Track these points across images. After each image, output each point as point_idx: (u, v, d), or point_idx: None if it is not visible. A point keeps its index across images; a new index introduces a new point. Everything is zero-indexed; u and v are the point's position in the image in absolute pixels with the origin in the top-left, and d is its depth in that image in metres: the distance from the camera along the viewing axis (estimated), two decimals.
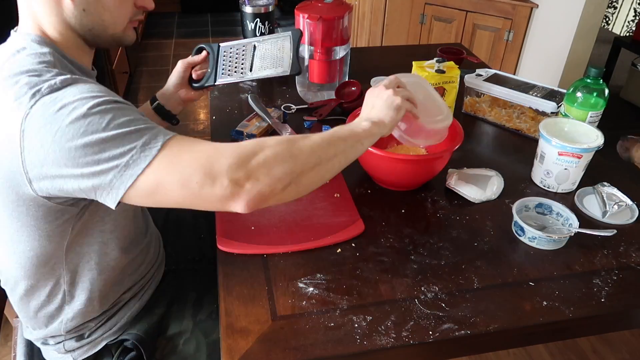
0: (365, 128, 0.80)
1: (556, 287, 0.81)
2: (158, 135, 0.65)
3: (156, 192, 0.64)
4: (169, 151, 0.64)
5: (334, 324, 0.73)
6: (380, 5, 2.93)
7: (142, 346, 0.88)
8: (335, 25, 1.22)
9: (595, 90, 1.07)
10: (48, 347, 0.90)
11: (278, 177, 0.67)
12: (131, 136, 0.63)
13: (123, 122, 0.64)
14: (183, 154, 0.65)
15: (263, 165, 0.66)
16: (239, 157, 0.65)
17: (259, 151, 0.67)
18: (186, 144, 0.66)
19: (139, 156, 0.63)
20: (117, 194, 0.64)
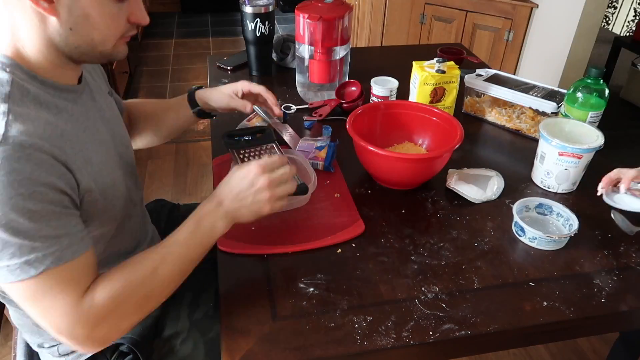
0: (220, 232, 0.77)
1: (556, 287, 0.81)
2: (46, 258, 0.63)
3: (20, 303, 0.66)
4: (42, 283, 0.64)
5: (334, 324, 0.73)
6: (380, 5, 2.93)
7: (137, 349, 0.88)
8: (335, 25, 1.22)
9: (596, 90, 1.07)
10: (43, 350, 0.90)
11: (125, 328, 0.71)
12: (21, 248, 0.62)
13: (22, 230, 0.61)
14: (47, 297, 0.65)
15: (112, 326, 0.69)
16: (91, 324, 0.66)
17: (108, 312, 0.68)
18: (60, 287, 0.65)
19: (13, 271, 0.62)
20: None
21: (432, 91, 1.19)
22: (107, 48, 0.73)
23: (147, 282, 0.71)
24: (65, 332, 0.66)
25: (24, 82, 0.68)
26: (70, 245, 0.66)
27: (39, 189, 0.63)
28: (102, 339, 0.69)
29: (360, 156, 1.02)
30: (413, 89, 1.23)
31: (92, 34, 0.69)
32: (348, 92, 1.34)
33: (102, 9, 0.68)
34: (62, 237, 0.65)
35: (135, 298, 0.70)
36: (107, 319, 0.68)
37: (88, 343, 0.67)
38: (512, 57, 2.72)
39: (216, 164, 1.09)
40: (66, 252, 0.65)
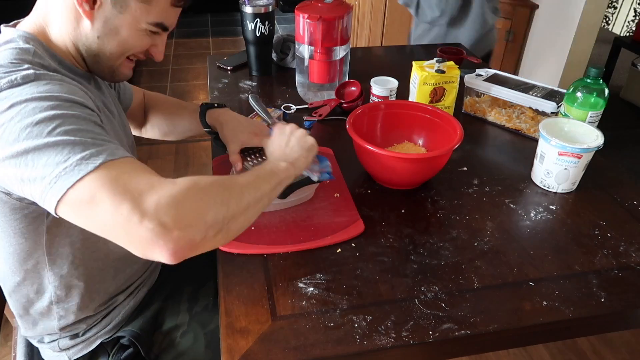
0: (284, 169, 0.78)
1: (556, 287, 0.81)
2: (101, 153, 0.60)
3: (85, 211, 0.59)
4: (105, 172, 0.59)
5: (334, 324, 0.73)
6: (380, 5, 2.93)
7: (138, 342, 0.88)
8: (335, 25, 1.22)
9: (595, 90, 1.07)
10: (43, 346, 0.90)
11: (210, 223, 0.62)
12: (72, 147, 0.60)
13: (69, 131, 0.61)
14: (119, 179, 0.59)
15: (196, 209, 0.61)
16: (173, 198, 0.59)
17: (192, 194, 0.61)
18: (128, 169, 0.61)
19: (72, 170, 0.58)
20: (50, 206, 0.60)
21: (432, 91, 1.19)
22: (116, 63, 0.78)
23: (228, 181, 0.68)
24: (151, 209, 0.57)
25: (44, 56, 0.72)
26: (118, 149, 0.63)
27: (77, 102, 0.65)
28: (189, 222, 0.59)
29: (360, 156, 1.02)
30: (413, 89, 1.23)
31: (114, 48, 0.75)
32: (348, 92, 1.34)
33: (133, 35, 0.75)
34: (107, 142, 0.63)
35: (216, 188, 0.65)
36: (191, 197, 0.61)
37: (176, 225, 0.58)
38: (512, 57, 2.72)
39: (216, 164, 1.09)
40: (118, 152, 0.62)
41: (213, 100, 1.37)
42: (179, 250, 0.59)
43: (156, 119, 1.14)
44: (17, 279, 0.81)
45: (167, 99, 1.17)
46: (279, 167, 0.78)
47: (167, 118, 1.13)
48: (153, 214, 0.57)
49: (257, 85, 1.47)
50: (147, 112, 1.14)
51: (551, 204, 1.00)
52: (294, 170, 0.80)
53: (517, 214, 0.97)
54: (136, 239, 0.58)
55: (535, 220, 0.96)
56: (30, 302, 0.84)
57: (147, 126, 1.15)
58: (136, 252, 0.60)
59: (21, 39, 0.71)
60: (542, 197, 1.02)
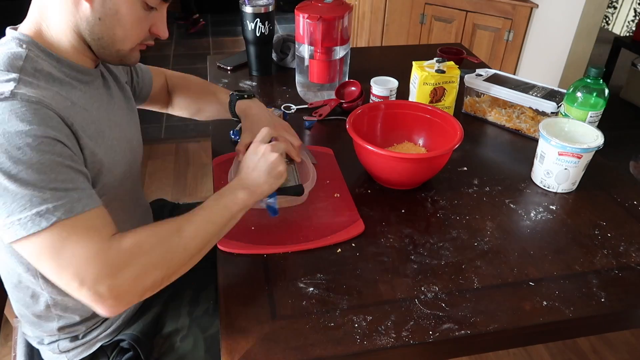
0: (241, 201, 0.78)
1: (556, 287, 0.81)
2: (58, 209, 0.61)
3: (33, 262, 0.63)
4: (56, 233, 0.61)
5: (334, 324, 0.73)
6: (380, 5, 2.93)
7: (138, 346, 0.88)
8: (335, 25, 1.22)
9: (595, 90, 1.07)
10: (43, 347, 0.90)
11: (149, 287, 0.66)
12: (32, 198, 0.60)
13: (30, 181, 0.61)
14: (66, 245, 0.61)
15: (135, 278, 0.64)
16: (112, 269, 0.62)
17: (134, 261, 0.64)
18: (78, 234, 0.62)
19: (25, 223, 0.60)
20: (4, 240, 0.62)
21: (432, 91, 1.19)
22: (124, 48, 0.77)
23: (173, 238, 0.69)
24: (88, 281, 0.61)
25: (38, 58, 0.71)
26: (80, 199, 0.64)
27: (46, 140, 0.63)
28: (125, 289, 0.64)
29: (360, 156, 1.02)
30: (413, 89, 1.23)
31: (116, 29, 0.74)
32: (348, 92, 1.34)
33: (132, 10, 0.73)
34: (71, 191, 0.63)
35: (159, 250, 0.67)
36: (132, 266, 0.64)
37: (110, 294, 0.62)
38: (512, 57, 2.72)
39: (216, 164, 1.09)
40: (77, 205, 0.63)
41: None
42: (115, 311, 0.64)
43: (183, 102, 1.14)
44: (15, 281, 0.81)
45: (194, 82, 1.17)
46: (236, 199, 0.77)
47: (194, 102, 1.14)
48: (90, 286, 0.61)
49: (257, 85, 1.47)
50: (172, 93, 1.14)
51: (551, 204, 1.00)
52: (252, 200, 0.79)
53: (517, 214, 0.97)
54: (78, 298, 0.63)
55: (535, 220, 0.96)
56: (28, 305, 0.84)
57: (173, 107, 1.15)
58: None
59: (15, 41, 0.71)
60: (542, 197, 1.02)
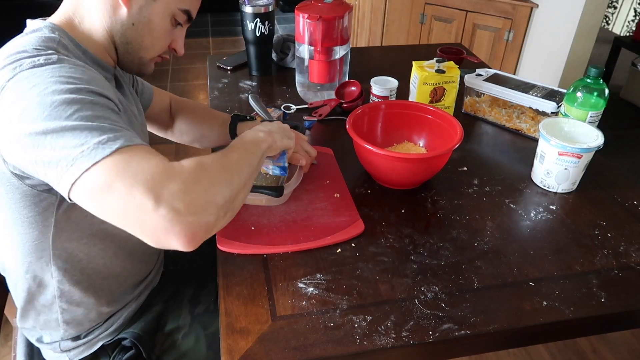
0: (264, 139, 0.81)
1: (556, 287, 0.81)
2: (118, 139, 0.61)
3: (98, 196, 0.60)
4: (120, 156, 0.60)
5: (333, 324, 0.73)
6: (380, 5, 2.93)
7: (140, 344, 0.88)
8: (335, 25, 1.22)
9: (596, 90, 1.07)
10: (44, 346, 0.90)
11: (221, 204, 0.64)
12: (90, 132, 0.60)
13: (87, 116, 0.62)
14: (134, 165, 0.60)
15: (206, 193, 0.62)
16: (184, 184, 0.60)
17: (201, 177, 0.63)
18: (142, 154, 0.61)
19: (88, 153, 0.59)
20: (64, 189, 0.60)
21: (432, 91, 1.19)
22: (147, 57, 0.83)
23: (223, 160, 0.70)
24: (165, 194, 0.58)
25: (69, 44, 0.74)
26: (135, 137, 0.64)
27: (97, 90, 0.66)
28: (201, 207, 0.61)
29: (360, 156, 1.02)
30: (413, 88, 1.23)
31: (145, 37, 0.80)
32: (348, 92, 1.34)
33: (163, 22, 0.80)
34: (125, 130, 0.64)
35: (218, 167, 0.67)
36: (201, 180, 0.63)
37: (189, 211, 0.59)
38: (512, 57, 2.72)
39: None
40: (134, 139, 0.63)
41: (213, 100, 1.37)
42: (194, 235, 0.60)
43: (184, 126, 1.15)
44: (22, 270, 0.81)
45: (197, 106, 1.18)
46: (258, 136, 0.81)
47: (196, 127, 1.15)
48: (166, 201, 0.58)
49: (257, 85, 1.47)
50: (175, 117, 1.15)
51: (551, 204, 1.00)
52: (271, 141, 0.82)
53: (517, 214, 0.97)
54: (150, 227, 0.59)
55: (535, 220, 0.96)
56: (33, 295, 0.83)
57: (174, 131, 1.16)
58: (150, 240, 0.60)
59: (47, 28, 0.74)
60: (542, 197, 1.02)
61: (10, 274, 0.84)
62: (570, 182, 1.02)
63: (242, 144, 0.78)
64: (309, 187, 1.01)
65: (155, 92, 1.10)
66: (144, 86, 1.06)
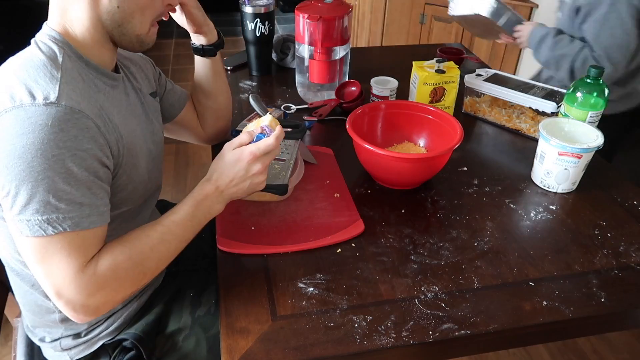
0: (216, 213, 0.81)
1: (556, 287, 0.81)
2: (65, 221, 0.66)
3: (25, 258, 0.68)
4: (50, 243, 0.66)
5: (333, 324, 0.73)
6: (380, 5, 2.93)
7: (140, 345, 0.88)
8: (335, 25, 1.22)
9: (595, 90, 1.07)
10: (45, 345, 0.90)
11: (120, 299, 0.72)
12: (46, 206, 0.65)
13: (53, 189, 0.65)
14: (54, 258, 0.66)
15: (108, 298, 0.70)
16: (87, 293, 0.68)
17: (108, 284, 0.69)
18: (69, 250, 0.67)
19: (33, 226, 0.65)
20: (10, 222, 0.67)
21: (432, 91, 1.19)
22: (143, 31, 0.80)
23: (146, 259, 0.73)
24: (64, 297, 0.67)
25: (71, 58, 0.75)
26: (89, 215, 0.68)
27: (80, 153, 0.67)
28: (95, 308, 0.70)
29: (360, 156, 1.02)
30: (413, 89, 1.23)
31: (134, 13, 0.77)
32: (348, 92, 1.34)
33: None
34: (85, 206, 0.68)
35: (133, 272, 0.72)
36: (105, 289, 0.69)
37: (81, 311, 0.69)
38: (512, 57, 2.72)
39: None
40: (84, 221, 0.68)
41: None
42: (85, 321, 0.72)
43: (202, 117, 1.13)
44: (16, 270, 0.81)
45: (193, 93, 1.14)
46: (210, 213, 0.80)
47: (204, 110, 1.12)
48: (65, 301, 0.68)
49: (257, 85, 1.47)
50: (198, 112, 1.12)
51: (551, 204, 1.00)
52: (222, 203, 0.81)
53: (517, 214, 0.97)
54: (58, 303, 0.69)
55: (535, 220, 0.96)
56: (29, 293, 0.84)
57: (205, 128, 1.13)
58: None
59: (52, 39, 0.74)
60: (542, 197, 1.02)
61: (9, 273, 0.85)
62: (570, 182, 1.02)
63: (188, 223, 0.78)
64: (309, 187, 1.01)
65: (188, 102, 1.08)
66: (174, 91, 1.05)
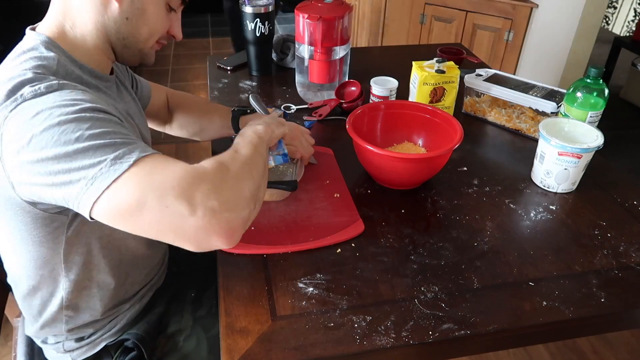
0: (264, 132, 0.80)
1: (556, 287, 0.81)
2: (133, 151, 0.61)
3: (123, 211, 0.59)
4: (140, 168, 0.59)
5: (333, 324, 0.73)
6: (380, 5, 2.93)
7: (142, 345, 0.88)
8: (335, 25, 1.22)
9: (595, 90, 1.07)
10: (47, 346, 0.90)
11: (249, 197, 0.65)
12: (104, 149, 0.60)
13: (98, 134, 0.61)
14: (155, 173, 0.59)
15: (235, 189, 0.64)
16: (212, 183, 0.61)
17: (226, 175, 0.64)
18: (162, 162, 0.62)
19: (107, 170, 0.58)
20: (85, 208, 0.60)
21: (432, 91, 1.19)
22: (146, 47, 0.80)
23: (237, 156, 0.70)
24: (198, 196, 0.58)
25: (66, 63, 0.73)
26: (147, 147, 0.64)
27: (102, 108, 0.65)
28: (234, 203, 0.62)
29: (360, 156, 1.02)
30: (413, 89, 1.23)
31: (141, 29, 0.77)
32: (348, 92, 1.34)
33: (157, 10, 0.77)
34: (138, 141, 0.64)
35: (236, 163, 0.68)
36: (226, 178, 0.63)
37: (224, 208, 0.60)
38: (512, 57, 2.72)
39: None
40: (148, 149, 0.63)
41: (213, 100, 1.37)
42: (234, 230, 0.62)
43: (184, 120, 1.14)
44: (32, 283, 0.81)
45: (195, 100, 1.17)
46: (258, 130, 0.80)
47: (196, 121, 1.14)
48: (201, 203, 0.58)
49: (257, 85, 1.47)
50: (173, 112, 1.14)
51: (551, 204, 1.00)
52: (271, 132, 0.82)
53: (517, 214, 0.97)
54: (190, 232, 0.59)
55: (535, 220, 0.96)
56: (42, 306, 0.84)
57: (172, 126, 1.16)
58: (191, 244, 0.61)
59: (43, 45, 0.72)
60: (542, 197, 1.02)
61: (19, 287, 0.84)
62: (570, 182, 1.02)
63: (248, 140, 0.77)
64: (309, 187, 1.01)
65: (152, 89, 1.10)
66: (142, 84, 1.06)
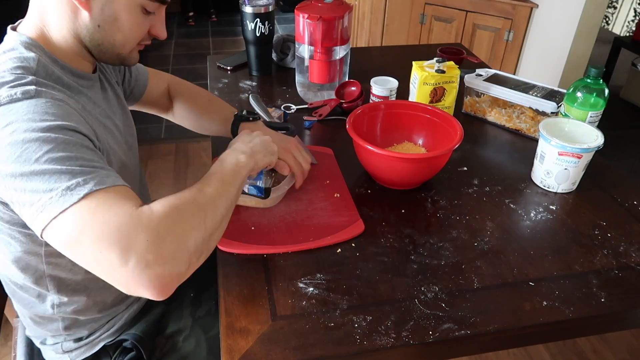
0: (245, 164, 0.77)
1: (556, 287, 0.81)
2: (88, 182, 0.59)
3: (65, 243, 0.59)
4: (87, 204, 0.58)
5: (334, 324, 0.73)
6: (380, 5, 2.93)
7: (141, 346, 0.88)
8: (335, 25, 1.22)
9: (595, 90, 1.07)
10: (46, 347, 0.90)
11: (193, 251, 0.62)
12: (59, 176, 0.59)
13: (57, 158, 0.60)
14: (99, 214, 0.58)
15: (177, 240, 0.60)
16: (153, 232, 0.58)
17: (171, 222, 0.60)
18: (110, 201, 0.59)
19: (57, 200, 0.58)
20: (37, 231, 0.60)
21: (432, 91, 1.19)
22: (124, 52, 0.78)
23: (198, 198, 0.67)
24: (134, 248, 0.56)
25: (47, 63, 0.71)
26: (108, 176, 0.62)
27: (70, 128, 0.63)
28: (172, 256, 0.59)
29: (360, 156, 1.02)
30: (413, 89, 1.23)
31: (115, 36, 0.74)
32: (348, 92, 1.34)
33: (131, 16, 0.73)
34: (99, 169, 0.62)
35: (191, 209, 0.64)
36: (171, 227, 0.60)
37: (160, 261, 0.57)
38: (512, 57, 2.72)
39: None
40: (107, 180, 0.61)
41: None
42: (165, 286, 0.59)
43: (185, 113, 1.12)
44: (20, 284, 0.81)
45: (199, 94, 1.13)
46: (239, 162, 0.76)
47: (197, 116, 1.12)
48: (135, 254, 0.56)
49: (257, 85, 1.47)
50: (174, 101, 1.12)
51: (551, 204, 1.00)
52: (253, 164, 0.79)
53: (517, 214, 0.97)
54: (120, 280, 0.58)
55: (535, 220, 0.96)
56: (33, 306, 0.84)
57: (175, 115, 1.13)
58: (122, 289, 0.60)
59: (23, 45, 0.71)
60: (542, 197, 1.02)
61: (8, 288, 0.85)
62: (570, 182, 1.02)
63: (222, 174, 0.73)
64: (309, 187, 1.01)
65: (151, 77, 1.06)
66: (138, 72, 1.03)
